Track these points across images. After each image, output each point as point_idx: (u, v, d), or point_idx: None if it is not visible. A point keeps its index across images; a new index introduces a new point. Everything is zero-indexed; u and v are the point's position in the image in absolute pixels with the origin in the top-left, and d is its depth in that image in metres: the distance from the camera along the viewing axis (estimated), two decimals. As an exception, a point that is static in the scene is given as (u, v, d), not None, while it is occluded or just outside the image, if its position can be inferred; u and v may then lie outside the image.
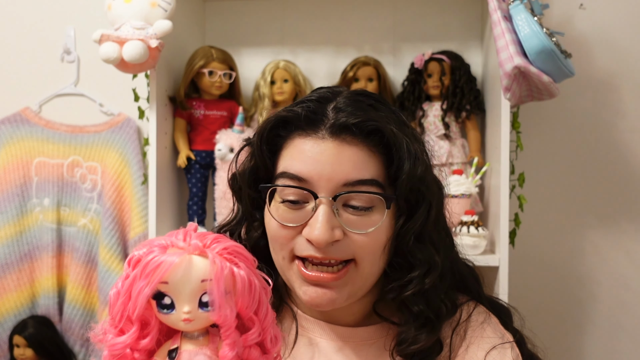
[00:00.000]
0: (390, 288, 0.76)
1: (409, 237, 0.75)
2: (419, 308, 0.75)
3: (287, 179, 0.73)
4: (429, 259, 0.76)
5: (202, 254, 0.55)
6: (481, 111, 1.55)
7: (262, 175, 0.78)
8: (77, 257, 1.73)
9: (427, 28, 1.64)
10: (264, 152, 0.76)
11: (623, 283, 1.61)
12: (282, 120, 0.75)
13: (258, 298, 0.57)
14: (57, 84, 1.81)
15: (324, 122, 0.73)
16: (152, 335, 0.57)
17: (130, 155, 1.72)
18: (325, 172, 0.71)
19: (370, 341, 0.80)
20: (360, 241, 0.72)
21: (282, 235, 0.74)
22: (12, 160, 1.77)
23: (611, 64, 1.59)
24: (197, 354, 0.56)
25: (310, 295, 0.73)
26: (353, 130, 0.72)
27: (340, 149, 0.72)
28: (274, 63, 1.59)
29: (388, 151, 0.74)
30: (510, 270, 1.32)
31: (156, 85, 1.43)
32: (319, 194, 0.71)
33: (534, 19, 1.26)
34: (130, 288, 0.55)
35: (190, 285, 0.54)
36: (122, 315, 0.56)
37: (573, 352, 1.62)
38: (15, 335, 1.68)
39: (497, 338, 0.79)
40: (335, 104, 0.75)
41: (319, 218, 0.70)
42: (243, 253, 0.59)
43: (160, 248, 0.55)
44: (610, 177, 1.60)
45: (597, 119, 1.60)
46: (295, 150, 0.74)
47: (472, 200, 1.46)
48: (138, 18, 1.35)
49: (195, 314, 0.55)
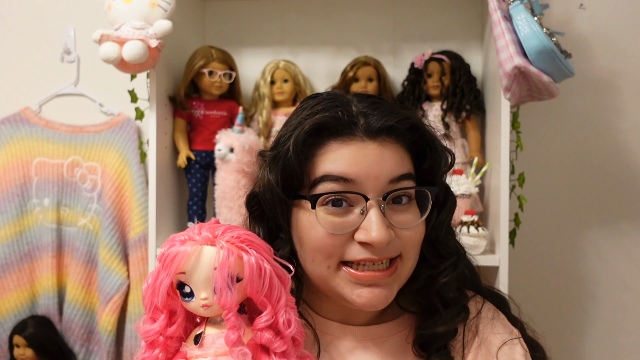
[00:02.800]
0: (425, 277, 0.79)
1: (441, 228, 0.79)
2: (454, 294, 0.79)
3: (332, 182, 0.72)
4: (457, 247, 0.81)
5: (213, 244, 0.60)
6: (481, 111, 1.55)
7: (295, 185, 0.76)
8: (77, 257, 1.73)
9: (427, 28, 1.64)
10: (301, 159, 0.74)
11: (623, 283, 1.61)
12: (318, 126, 0.74)
13: (269, 283, 0.61)
14: (57, 84, 1.81)
15: (357, 125, 0.74)
16: (178, 322, 0.62)
17: (130, 155, 1.72)
18: (372, 172, 0.72)
19: (383, 338, 0.81)
20: (407, 237, 0.74)
21: (330, 243, 0.73)
22: (12, 160, 1.77)
23: (611, 64, 1.59)
24: (219, 337, 0.61)
25: (366, 297, 0.73)
26: (391, 130, 0.74)
27: (382, 149, 0.73)
28: (274, 63, 1.59)
29: (417, 147, 0.77)
30: (510, 270, 1.32)
31: (156, 85, 1.43)
32: (368, 195, 0.72)
33: (534, 19, 1.26)
34: (155, 280, 0.61)
35: (204, 273, 0.59)
36: (151, 305, 0.62)
37: (573, 352, 1.62)
38: (15, 335, 1.68)
39: (507, 334, 0.82)
40: (358, 109, 0.76)
41: (373, 219, 0.71)
42: (256, 241, 0.62)
43: (179, 242, 0.61)
44: (610, 177, 1.60)
45: (597, 119, 1.60)
46: (335, 154, 0.73)
47: (472, 200, 1.46)
48: (138, 18, 1.35)
49: (212, 300, 0.60)
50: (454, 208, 0.81)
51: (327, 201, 0.73)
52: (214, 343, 0.60)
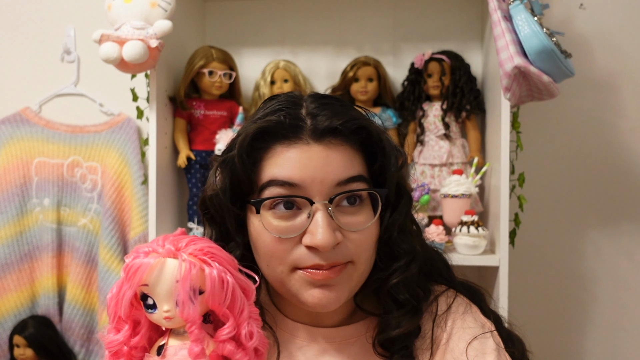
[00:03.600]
0: (376, 279, 0.78)
1: (394, 229, 0.77)
2: (404, 296, 0.77)
3: (278, 187, 0.72)
4: (411, 247, 0.78)
5: (175, 256, 0.61)
6: (481, 111, 1.55)
7: (244, 190, 0.75)
8: (77, 257, 1.73)
9: (427, 28, 1.64)
10: (247, 165, 0.74)
11: (623, 283, 1.61)
12: (262, 130, 0.74)
13: (231, 295, 0.61)
14: (57, 84, 1.81)
15: (304, 128, 0.73)
16: (142, 333, 0.63)
17: (130, 155, 1.72)
18: (318, 176, 0.71)
19: (352, 339, 0.80)
20: (357, 240, 0.73)
21: (279, 248, 0.72)
22: (12, 160, 1.77)
23: (611, 64, 1.59)
24: (181, 348, 0.61)
25: (318, 297, 0.73)
26: (337, 132, 0.73)
27: (328, 151, 0.72)
28: (274, 63, 1.59)
29: (368, 148, 0.76)
30: (510, 270, 1.32)
31: (156, 85, 1.43)
32: (314, 199, 0.71)
33: (534, 19, 1.26)
34: (119, 291, 0.62)
35: (166, 286, 0.60)
36: (115, 316, 0.62)
37: (573, 352, 1.62)
38: (15, 335, 1.68)
39: (478, 328, 0.80)
40: (307, 110, 0.75)
41: (319, 223, 0.70)
42: (219, 254, 0.63)
43: (144, 254, 0.61)
44: (610, 177, 1.60)
45: (597, 119, 1.60)
46: (280, 158, 0.73)
47: (472, 200, 1.46)
48: (138, 18, 1.35)
49: (174, 312, 0.60)
50: (406, 208, 0.79)
51: (274, 205, 0.72)
52: (176, 354, 0.61)
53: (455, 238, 1.37)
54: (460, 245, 1.36)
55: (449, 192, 1.43)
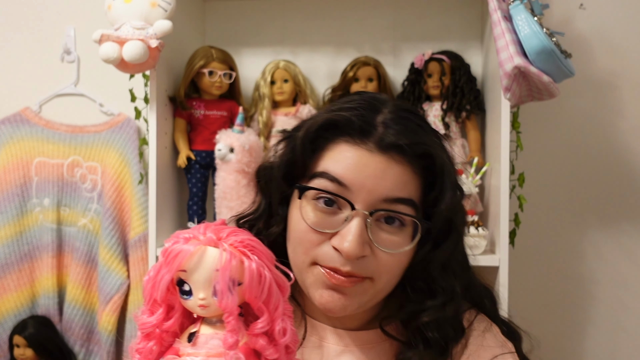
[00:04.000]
0: (408, 311, 0.76)
1: (435, 264, 0.75)
2: (433, 335, 0.75)
3: (327, 180, 0.72)
4: (451, 288, 0.76)
5: (216, 245, 0.60)
6: (481, 111, 1.55)
7: (297, 172, 0.76)
8: (77, 257, 1.73)
9: (427, 28, 1.64)
10: (307, 149, 0.74)
11: (623, 283, 1.61)
12: (332, 122, 0.73)
13: (268, 290, 0.61)
14: (57, 84, 1.81)
15: (372, 134, 0.72)
16: (175, 317, 0.63)
17: (130, 155, 1.72)
18: (368, 184, 0.70)
19: (370, 344, 0.80)
20: (384, 260, 0.72)
21: (309, 239, 0.73)
22: (12, 160, 1.77)
23: (611, 64, 1.59)
24: (212, 337, 0.61)
25: (326, 299, 0.73)
26: (403, 150, 0.72)
27: (387, 165, 0.71)
28: (274, 63, 1.59)
29: (430, 175, 0.74)
30: (510, 270, 1.32)
31: (156, 85, 1.43)
32: (356, 205, 0.70)
33: (534, 19, 1.26)
34: (156, 274, 0.61)
35: (205, 274, 0.60)
36: (150, 298, 0.62)
37: (573, 352, 1.62)
38: (15, 335, 1.68)
39: (498, 347, 0.79)
40: (383, 118, 0.74)
41: (351, 230, 0.70)
42: (258, 247, 0.63)
43: (184, 239, 0.62)
44: (610, 177, 1.60)
45: (597, 119, 1.60)
46: (340, 155, 0.73)
47: (472, 200, 1.45)
48: (138, 18, 1.35)
49: (210, 301, 0.60)
50: (453, 246, 0.76)
51: (318, 197, 0.72)
52: (207, 343, 0.61)
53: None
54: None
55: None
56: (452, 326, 0.77)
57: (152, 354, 0.63)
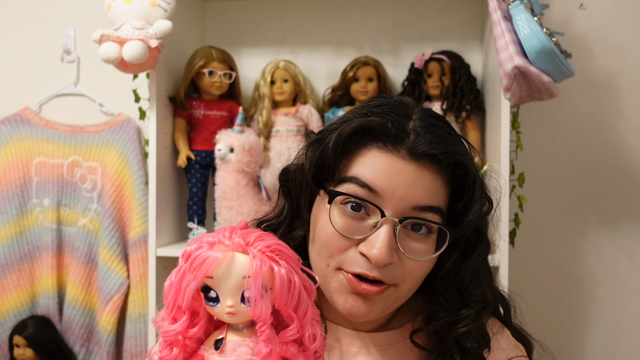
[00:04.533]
0: (443, 322, 0.76)
1: (467, 273, 0.76)
2: (471, 345, 0.75)
3: (357, 186, 0.71)
4: (484, 296, 0.77)
5: (244, 251, 0.59)
6: (481, 111, 1.55)
7: (325, 175, 0.75)
8: (77, 257, 1.73)
9: (427, 28, 1.64)
10: (339, 154, 0.73)
11: (623, 283, 1.61)
12: (366, 127, 0.73)
13: (297, 296, 0.60)
14: (57, 84, 1.81)
15: (405, 141, 0.72)
16: (200, 324, 0.62)
17: (130, 155, 1.72)
18: (399, 192, 0.70)
19: (387, 346, 0.80)
20: (410, 267, 0.72)
21: (335, 243, 0.72)
22: (12, 160, 1.77)
23: (611, 64, 1.59)
24: (240, 345, 0.60)
25: (350, 304, 0.73)
26: (435, 159, 0.72)
27: (419, 173, 0.71)
28: (274, 63, 1.59)
29: (458, 184, 0.75)
30: (510, 270, 1.32)
31: (156, 85, 1.43)
32: (386, 212, 0.70)
33: (534, 19, 1.26)
34: (180, 280, 0.59)
35: (233, 281, 0.58)
36: (174, 305, 0.61)
37: (573, 352, 1.62)
38: (15, 335, 1.68)
39: (511, 350, 0.80)
40: (414, 125, 0.74)
41: (380, 237, 0.69)
42: (286, 252, 0.61)
43: (208, 244, 0.60)
44: (610, 177, 1.60)
45: (597, 119, 1.60)
46: (372, 161, 0.72)
47: (472, 200, 1.45)
48: (138, 18, 1.35)
49: (238, 308, 0.59)
50: (483, 255, 0.77)
51: (347, 202, 0.72)
52: (235, 350, 0.59)
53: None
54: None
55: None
56: (482, 335, 0.78)
57: None
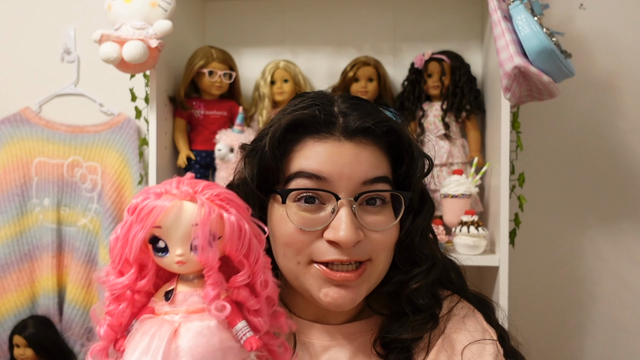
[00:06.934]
0: (395, 281, 0.78)
1: (416, 233, 0.78)
2: (423, 301, 0.78)
3: (305, 179, 0.73)
4: (432, 253, 0.79)
5: (192, 199, 0.59)
6: (481, 111, 1.55)
7: (270, 179, 0.77)
8: (77, 257, 1.73)
9: (427, 28, 1.64)
10: (277, 155, 0.75)
11: (623, 283, 1.61)
12: (296, 122, 0.75)
13: (248, 243, 0.60)
14: (57, 84, 1.81)
15: (336, 124, 0.75)
16: (149, 277, 0.61)
17: (130, 155, 1.72)
18: (345, 172, 0.72)
19: (355, 335, 0.81)
20: (377, 239, 0.74)
21: (299, 240, 0.73)
22: (12, 160, 1.77)
23: (611, 64, 1.59)
24: (191, 295, 0.60)
25: (332, 297, 0.73)
26: (368, 132, 0.74)
27: (358, 150, 0.74)
28: (274, 63, 1.59)
29: (396, 151, 0.77)
30: (510, 270, 1.32)
31: (156, 85, 1.43)
32: (340, 195, 0.72)
33: (534, 19, 1.26)
34: (127, 232, 0.59)
35: (182, 229, 0.58)
36: (120, 258, 0.60)
37: (573, 352, 1.62)
38: (15, 335, 1.68)
39: (478, 332, 0.80)
40: (340, 108, 0.76)
41: (342, 219, 0.71)
42: (235, 200, 0.61)
43: (155, 195, 0.59)
44: (610, 177, 1.60)
45: (597, 119, 1.60)
46: (311, 151, 0.74)
47: (472, 200, 1.45)
48: (138, 18, 1.35)
49: (188, 257, 0.58)
50: (430, 214, 0.80)
51: (300, 197, 0.73)
52: (186, 300, 0.59)
53: (455, 238, 1.37)
54: (460, 245, 1.36)
55: (449, 192, 1.43)
56: (433, 293, 0.80)
57: (124, 316, 0.61)
